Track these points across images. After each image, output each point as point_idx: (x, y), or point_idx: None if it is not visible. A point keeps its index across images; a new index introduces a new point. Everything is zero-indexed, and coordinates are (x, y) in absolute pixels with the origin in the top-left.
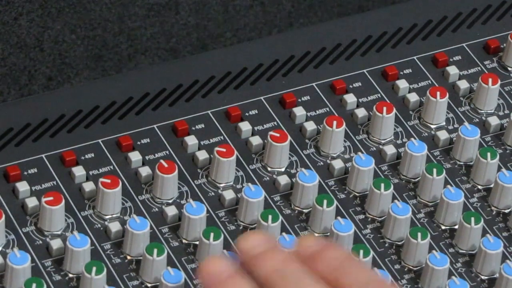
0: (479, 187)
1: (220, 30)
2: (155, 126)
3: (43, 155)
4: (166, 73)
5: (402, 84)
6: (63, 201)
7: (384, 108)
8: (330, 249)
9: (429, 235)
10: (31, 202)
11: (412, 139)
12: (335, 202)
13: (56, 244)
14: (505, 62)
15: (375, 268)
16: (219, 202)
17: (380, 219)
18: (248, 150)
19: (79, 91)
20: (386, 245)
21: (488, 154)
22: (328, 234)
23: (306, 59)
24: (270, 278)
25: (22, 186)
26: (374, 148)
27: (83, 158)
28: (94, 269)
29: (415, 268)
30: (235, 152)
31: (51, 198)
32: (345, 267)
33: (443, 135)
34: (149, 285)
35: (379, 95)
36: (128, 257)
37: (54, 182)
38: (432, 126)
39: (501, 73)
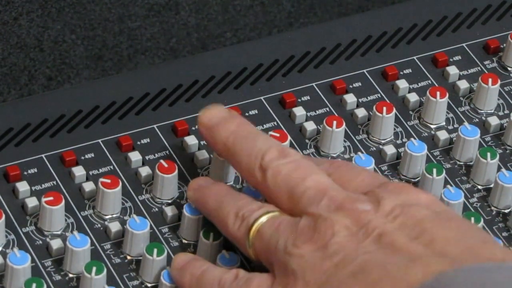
0: (479, 187)
1: (220, 30)
2: (155, 126)
3: (43, 155)
4: (166, 73)
5: (402, 84)
6: (63, 201)
7: (384, 108)
8: None
9: None
10: (31, 202)
11: (412, 139)
12: None
13: (56, 244)
14: (505, 62)
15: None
16: None
17: None
18: None
19: (79, 91)
20: None
21: (488, 154)
22: None
23: (306, 59)
24: (227, 141)
25: (22, 186)
26: (374, 148)
27: (83, 158)
28: (94, 269)
29: None
30: None
31: (51, 198)
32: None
33: (443, 135)
34: (149, 285)
35: (379, 95)
36: (128, 257)
37: (54, 182)
38: (432, 126)
39: (501, 73)
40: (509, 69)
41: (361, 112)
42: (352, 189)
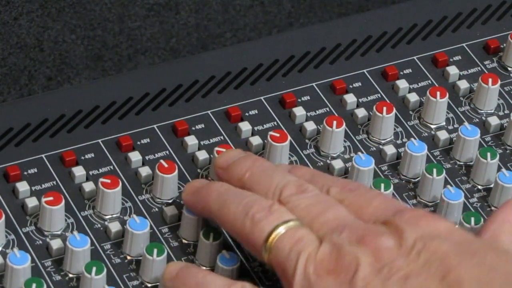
0: (479, 187)
1: (220, 30)
2: (155, 126)
3: (43, 155)
4: (166, 73)
5: (402, 84)
6: (63, 201)
7: (384, 108)
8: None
9: None
10: (31, 202)
11: (412, 139)
12: None
13: (56, 244)
14: (505, 62)
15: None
16: None
17: None
18: (248, 150)
19: (79, 91)
20: None
21: (488, 154)
22: None
23: (306, 59)
24: (244, 176)
25: (22, 186)
26: (374, 148)
27: (83, 158)
28: (94, 269)
29: None
30: None
31: (51, 198)
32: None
33: (443, 135)
34: (149, 285)
35: (379, 95)
36: (128, 257)
37: (54, 182)
38: (432, 126)
39: (501, 73)
40: (509, 69)
41: (361, 112)
42: (367, 217)
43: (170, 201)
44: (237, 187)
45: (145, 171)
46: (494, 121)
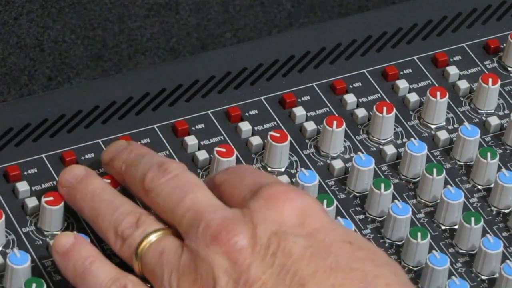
0: (479, 187)
1: (220, 30)
2: (155, 126)
3: (43, 155)
4: (166, 73)
5: (402, 84)
6: (63, 201)
7: (384, 108)
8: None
9: (429, 235)
10: (31, 202)
11: (412, 139)
12: (335, 202)
13: None
14: (505, 62)
15: None
16: None
17: (380, 219)
18: (248, 150)
19: (79, 91)
20: (386, 245)
21: (488, 154)
22: None
23: (306, 59)
24: (121, 171)
25: (22, 186)
26: (374, 148)
27: (83, 158)
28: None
29: (415, 268)
30: (235, 152)
31: (51, 198)
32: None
33: (443, 135)
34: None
35: (379, 95)
36: None
37: (54, 182)
38: (432, 126)
39: (501, 73)
40: (509, 69)
41: (361, 112)
42: (236, 198)
43: None
44: (119, 180)
45: None
46: (494, 121)
